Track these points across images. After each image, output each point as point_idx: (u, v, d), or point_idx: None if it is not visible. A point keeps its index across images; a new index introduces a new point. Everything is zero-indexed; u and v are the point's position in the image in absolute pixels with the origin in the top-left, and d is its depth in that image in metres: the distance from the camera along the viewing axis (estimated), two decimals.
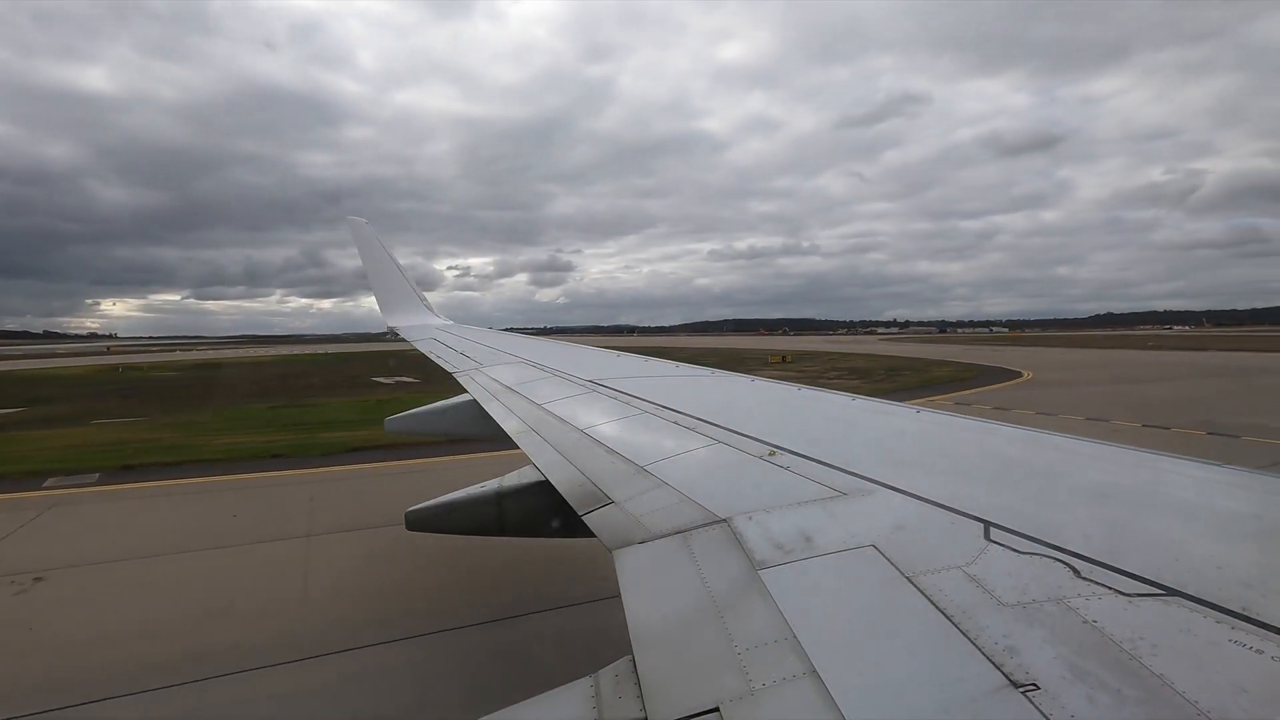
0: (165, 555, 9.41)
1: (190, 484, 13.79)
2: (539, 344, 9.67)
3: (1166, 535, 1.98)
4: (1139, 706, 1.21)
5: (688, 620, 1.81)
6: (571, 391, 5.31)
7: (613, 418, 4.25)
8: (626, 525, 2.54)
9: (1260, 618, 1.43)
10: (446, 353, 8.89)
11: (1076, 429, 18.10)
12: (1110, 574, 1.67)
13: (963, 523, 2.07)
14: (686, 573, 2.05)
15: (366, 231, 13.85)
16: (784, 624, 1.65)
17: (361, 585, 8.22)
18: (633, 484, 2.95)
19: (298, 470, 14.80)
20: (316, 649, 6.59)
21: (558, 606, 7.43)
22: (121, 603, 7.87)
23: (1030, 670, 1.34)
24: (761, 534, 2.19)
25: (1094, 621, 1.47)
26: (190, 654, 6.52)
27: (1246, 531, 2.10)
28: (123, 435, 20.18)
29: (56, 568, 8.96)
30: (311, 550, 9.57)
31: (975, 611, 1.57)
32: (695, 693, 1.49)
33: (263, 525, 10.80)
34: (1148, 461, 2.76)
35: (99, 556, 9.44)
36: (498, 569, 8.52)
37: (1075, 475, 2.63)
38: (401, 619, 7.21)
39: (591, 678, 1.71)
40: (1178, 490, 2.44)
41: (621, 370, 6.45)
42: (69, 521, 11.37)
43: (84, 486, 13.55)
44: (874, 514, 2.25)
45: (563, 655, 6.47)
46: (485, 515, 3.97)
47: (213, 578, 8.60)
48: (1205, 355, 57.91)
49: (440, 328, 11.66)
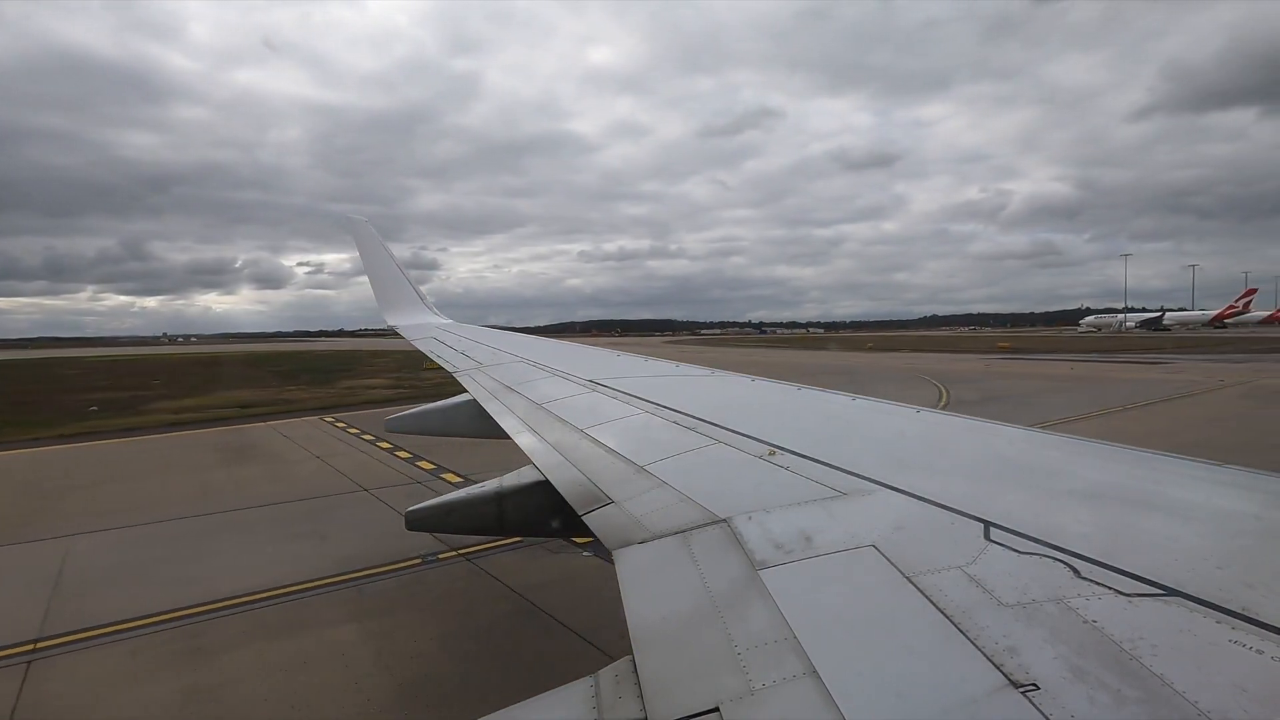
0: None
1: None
2: (539, 343, 9.67)
3: (1166, 535, 1.98)
4: (1139, 706, 1.21)
5: (688, 620, 1.81)
6: (571, 391, 5.31)
7: (612, 417, 4.25)
8: (626, 525, 2.54)
9: (1260, 618, 1.43)
10: (446, 352, 8.88)
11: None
12: (1110, 574, 1.67)
13: (963, 523, 2.07)
14: (686, 573, 2.05)
15: (366, 231, 13.85)
16: (784, 624, 1.65)
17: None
18: (632, 484, 2.95)
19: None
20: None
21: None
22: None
23: (1030, 670, 1.34)
24: (761, 534, 2.19)
25: (1094, 621, 1.47)
26: None
27: (1246, 531, 2.10)
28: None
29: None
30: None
31: (975, 611, 1.57)
32: (695, 693, 1.49)
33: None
34: (1148, 461, 2.76)
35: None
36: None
37: (1075, 475, 2.63)
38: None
39: (591, 678, 1.71)
40: (1178, 490, 2.44)
41: (621, 370, 6.44)
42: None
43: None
44: (874, 514, 2.25)
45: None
46: (485, 515, 3.97)
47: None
48: (882, 357, 55.77)
49: (440, 327, 11.66)
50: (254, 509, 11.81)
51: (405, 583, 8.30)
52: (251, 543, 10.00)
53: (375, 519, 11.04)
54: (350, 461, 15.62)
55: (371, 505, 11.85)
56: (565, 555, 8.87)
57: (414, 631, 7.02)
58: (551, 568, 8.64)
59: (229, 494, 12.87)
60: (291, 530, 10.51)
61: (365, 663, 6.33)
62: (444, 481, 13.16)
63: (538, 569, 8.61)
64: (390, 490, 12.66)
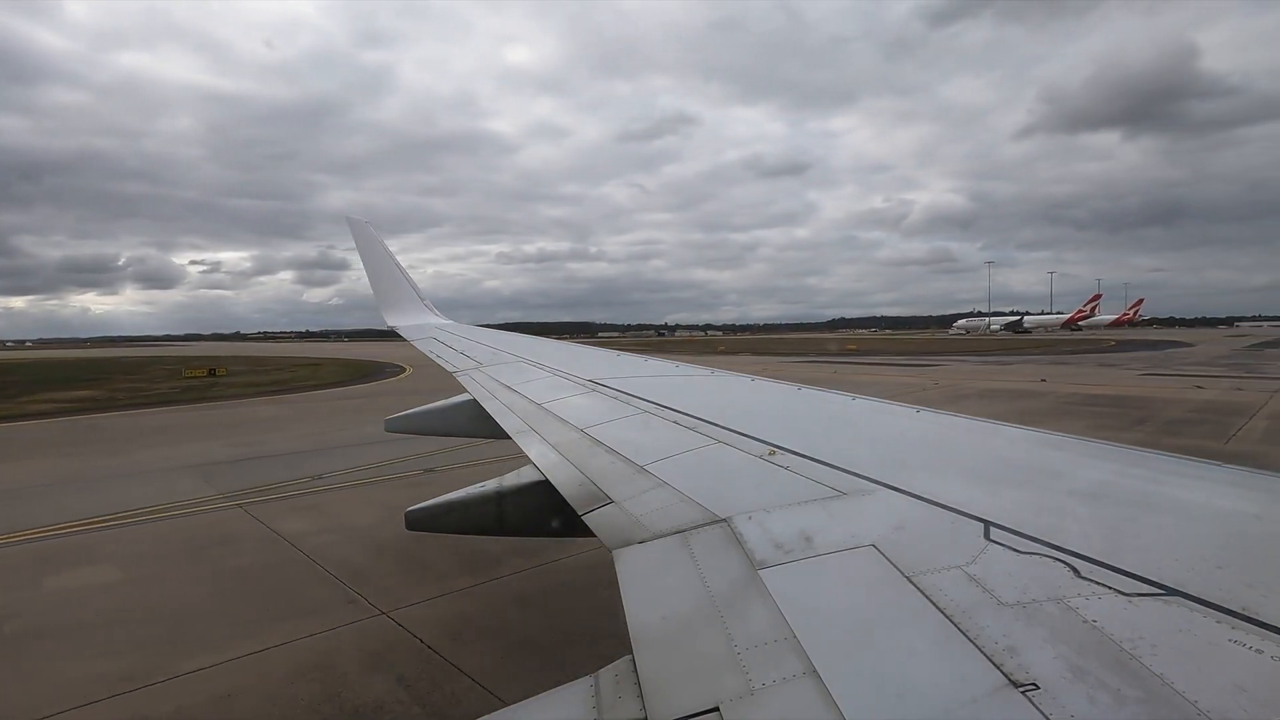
0: None
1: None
2: (538, 343, 9.67)
3: (1166, 535, 1.98)
4: (1139, 706, 1.21)
5: (688, 620, 1.81)
6: (571, 391, 5.31)
7: (612, 417, 4.25)
8: (626, 525, 2.54)
9: (1260, 618, 1.43)
10: (446, 352, 8.88)
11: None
12: (1110, 574, 1.67)
13: (963, 522, 2.07)
14: (686, 572, 2.05)
15: (366, 231, 13.84)
16: (784, 624, 1.65)
17: None
18: (632, 483, 2.95)
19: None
20: None
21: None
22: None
23: (1030, 670, 1.34)
24: (761, 534, 2.19)
25: (1094, 621, 1.47)
26: None
27: (1246, 531, 2.10)
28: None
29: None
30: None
31: (975, 611, 1.57)
32: (695, 692, 1.49)
33: None
34: (1148, 461, 2.76)
35: None
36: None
37: (1075, 475, 2.63)
38: None
39: (591, 678, 1.71)
40: (1178, 490, 2.44)
41: (621, 370, 6.45)
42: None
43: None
44: (874, 514, 2.25)
45: None
46: (485, 515, 3.98)
47: None
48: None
49: (440, 327, 11.65)
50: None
51: None
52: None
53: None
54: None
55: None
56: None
57: None
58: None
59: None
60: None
61: None
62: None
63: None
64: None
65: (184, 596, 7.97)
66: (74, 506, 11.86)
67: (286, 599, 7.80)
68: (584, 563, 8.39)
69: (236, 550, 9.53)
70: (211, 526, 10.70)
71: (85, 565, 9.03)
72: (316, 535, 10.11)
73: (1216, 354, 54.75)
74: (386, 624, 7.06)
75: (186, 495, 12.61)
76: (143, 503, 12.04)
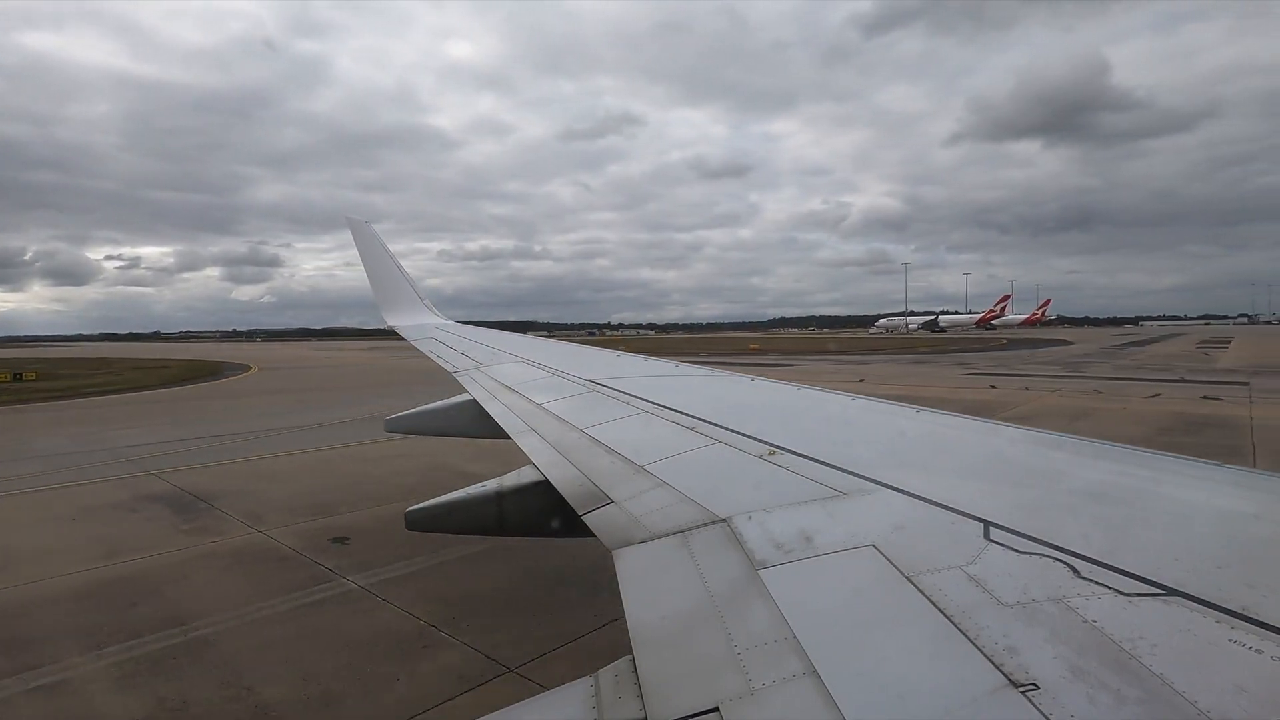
0: None
1: None
2: (538, 343, 9.67)
3: (1166, 535, 1.98)
4: (1139, 706, 1.21)
5: (687, 620, 1.81)
6: (571, 391, 5.31)
7: (612, 417, 4.25)
8: (626, 525, 2.54)
9: (1260, 618, 1.43)
10: (446, 352, 8.88)
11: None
12: (1110, 574, 1.67)
13: (963, 523, 2.07)
14: (686, 572, 2.05)
15: (366, 231, 13.84)
16: (784, 624, 1.64)
17: None
18: (632, 483, 2.94)
19: None
20: None
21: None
22: None
23: (1030, 670, 1.33)
24: (761, 534, 2.19)
25: (1094, 621, 1.47)
26: None
27: (1246, 531, 2.10)
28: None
29: None
30: None
31: (975, 611, 1.57)
32: (695, 692, 1.49)
33: None
34: (1148, 461, 2.76)
35: None
36: None
37: (1075, 475, 2.63)
38: None
39: (591, 678, 1.71)
40: (1178, 490, 2.44)
41: (621, 370, 6.45)
42: None
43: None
44: (874, 514, 2.25)
45: None
46: (485, 515, 3.97)
47: None
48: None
49: (439, 327, 11.65)
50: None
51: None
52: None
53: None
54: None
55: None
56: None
57: None
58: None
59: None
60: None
61: None
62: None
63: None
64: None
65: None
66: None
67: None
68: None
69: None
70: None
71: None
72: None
73: (1079, 353, 55.77)
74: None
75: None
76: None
